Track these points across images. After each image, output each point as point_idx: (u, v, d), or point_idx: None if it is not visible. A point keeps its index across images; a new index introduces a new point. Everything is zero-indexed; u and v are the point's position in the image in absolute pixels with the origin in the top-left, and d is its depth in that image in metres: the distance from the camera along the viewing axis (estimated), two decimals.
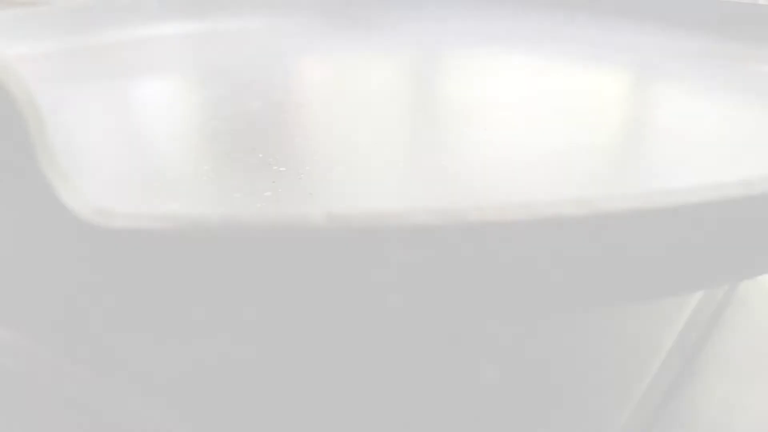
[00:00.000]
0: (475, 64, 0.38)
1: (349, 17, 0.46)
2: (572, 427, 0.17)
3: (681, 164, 0.21)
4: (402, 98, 0.33)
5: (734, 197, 0.11)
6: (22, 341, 0.20)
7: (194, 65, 0.37)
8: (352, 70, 0.38)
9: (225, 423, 0.17)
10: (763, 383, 0.20)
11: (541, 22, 0.42)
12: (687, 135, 0.23)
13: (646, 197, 0.10)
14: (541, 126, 0.25)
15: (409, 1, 0.45)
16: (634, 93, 0.32)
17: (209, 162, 0.22)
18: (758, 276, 0.22)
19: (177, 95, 0.33)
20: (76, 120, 0.28)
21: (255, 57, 0.39)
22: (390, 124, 0.27)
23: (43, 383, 0.20)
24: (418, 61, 0.40)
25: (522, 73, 0.35)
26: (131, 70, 0.36)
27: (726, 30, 0.35)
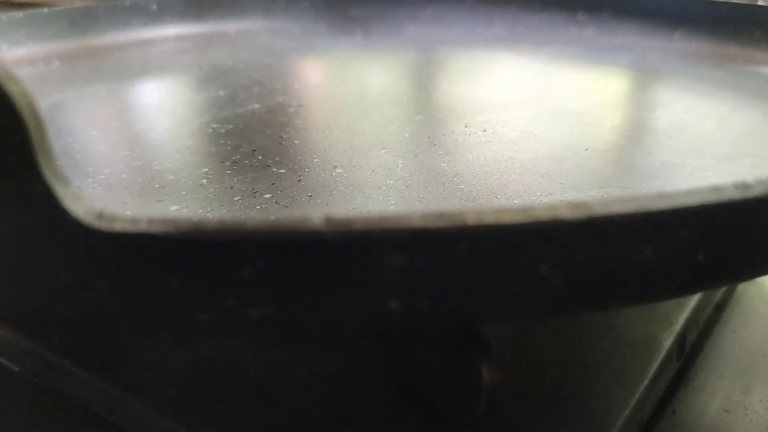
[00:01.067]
0: (475, 65, 0.38)
1: (349, 19, 0.46)
2: (571, 428, 0.17)
3: (679, 165, 0.21)
4: (401, 99, 0.33)
5: (731, 200, 0.11)
6: (24, 342, 0.20)
7: (194, 67, 0.37)
8: (351, 71, 0.38)
9: (226, 423, 0.17)
10: (762, 384, 0.20)
11: (541, 23, 0.42)
12: (685, 136, 0.23)
13: (643, 200, 0.10)
14: (539, 127, 0.25)
15: (409, 3, 0.45)
16: (633, 94, 0.32)
17: (209, 164, 0.22)
18: (754, 278, 0.22)
19: (177, 97, 0.33)
20: (77, 122, 0.28)
21: (255, 59, 0.39)
22: (389, 126, 0.27)
23: (44, 383, 0.20)
24: (418, 63, 0.40)
25: (521, 75, 0.35)
26: (131, 73, 0.36)
27: (723, 32, 0.35)
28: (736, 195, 0.11)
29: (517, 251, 0.10)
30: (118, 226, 0.10)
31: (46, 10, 0.39)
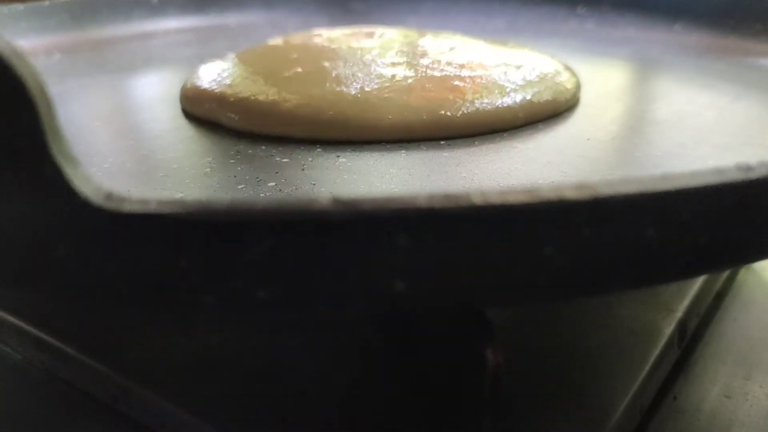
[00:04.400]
0: None
1: (349, 12, 0.46)
2: (571, 415, 0.17)
3: (679, 155, 0.21)
4: None
5: (734, 181, 0.11)
6: (28, 329, 0.20)
7: (195, 59, 0.37)
8: None
9: (231, 409, 0.17)
10: (762, 370, 0.20)
11: (541, 16, 0.42)
12: (685, 126, 0.24)
13: (647, 181, 0.10)
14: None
15: None
16: (633, 86, 0.32)
17: (213, 153, 0.23)
18: (756, 261, 0.22)
19: (179, 89, 0.33)
20: (79, 113, 0.28)
21: None
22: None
23: (48, 371, 0.20)
24: None
25: None
26: (133, 65, 0.36)
27: (723, 24, 0.35)
28: (738, 176, 0.11)
29: (523, 232, 0.10)
30: (127, 207, 0.10)
31: (47, 2, 0.39)
